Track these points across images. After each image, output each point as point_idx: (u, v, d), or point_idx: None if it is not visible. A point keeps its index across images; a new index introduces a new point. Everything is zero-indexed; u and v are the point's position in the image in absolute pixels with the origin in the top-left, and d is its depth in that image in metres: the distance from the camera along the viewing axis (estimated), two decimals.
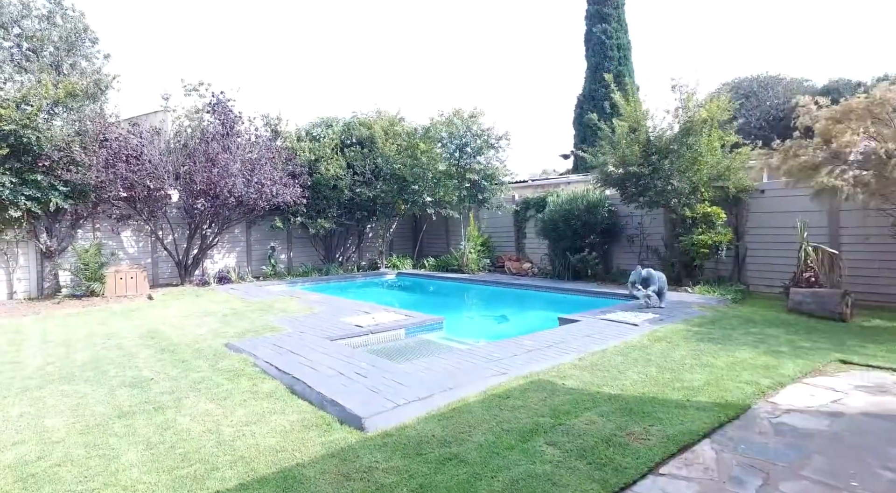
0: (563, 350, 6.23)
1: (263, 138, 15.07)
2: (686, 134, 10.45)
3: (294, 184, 14.77)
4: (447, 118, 14.71)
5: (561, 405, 4.63)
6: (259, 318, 8.96)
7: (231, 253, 16.01)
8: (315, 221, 16.05)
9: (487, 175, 14.66)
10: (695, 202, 10.96)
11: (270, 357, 6.14)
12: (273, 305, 10.31)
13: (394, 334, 7.78)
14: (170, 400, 5.03)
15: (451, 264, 16.36)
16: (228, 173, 13.28)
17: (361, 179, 16.28)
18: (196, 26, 44.51)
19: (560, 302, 11.59)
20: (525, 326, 9.70)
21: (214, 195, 13.40)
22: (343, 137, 16.96)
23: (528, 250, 16.57)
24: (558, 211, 13.51)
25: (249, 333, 7.75)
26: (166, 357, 6.59)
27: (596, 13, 26.54)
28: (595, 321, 7.84)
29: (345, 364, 5.74)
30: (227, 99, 14.13)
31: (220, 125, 13.94)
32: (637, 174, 10.77)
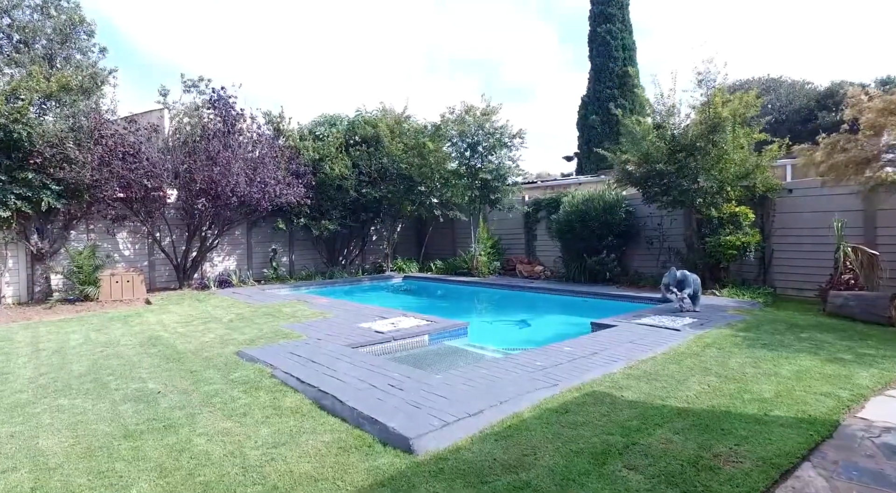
0: (609, 358, 5.71)
1: (266, 136, 14.50)
2: (713, 130, 10.00)
3: (298, 184, 14.20)
4: (458, 116, 14.18)
5: (628, 422, 4.11)
6: (268, 324, 8.38)
7: (231, 256, 15.39)
8: (319, 223, 15.47)
9: (500, 175, 14.15)
10: (721, 202, 10.50)
11: (289, 367, 5.57)
12: (281, 309, 9.72)
13: (417, 341, 7.23)
14: (182, 417, 4.45)
15: (460, 267, 15.83)
16: (230, 172, 12.69)
17: (367, 178, 15.73)
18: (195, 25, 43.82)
19: (581, 306, 11.09)
20: (552, 331, 9.18)
21: (215, 195, 12.80)
22: (347, 136, 16.42)
23: (539, 253, 16.08)
24: (574, 211, 13.02)
25: (261, 340, 7.17)
26: (173, 367, 6.00)
27: (600, 13, 26.23)
28: (632, 326, 7.33)
29: (374, 375, 5.18)
30: (229, 95, 13.56)
31: (222, 122, 13.35)
32: (662, 172, 10.30)
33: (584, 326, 9.24)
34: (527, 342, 8.21)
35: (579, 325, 9.40)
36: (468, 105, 13.89)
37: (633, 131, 10.76)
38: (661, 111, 10.51)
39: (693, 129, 9.99)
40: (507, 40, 60.96)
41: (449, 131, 14.47)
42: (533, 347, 7.40)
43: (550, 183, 19.38)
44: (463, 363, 6.24)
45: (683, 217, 12.29)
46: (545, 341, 8.02)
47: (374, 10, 54.91)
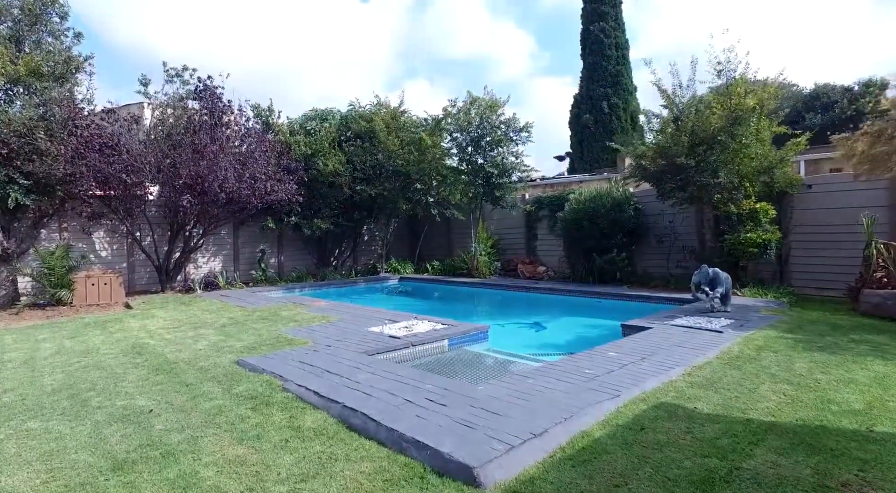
0: (662, 364, 5.11)
1: (255, 130, 13.66)
2: (734, 123, 9.55)
3: (289, 180, 13.39)
4: (463, 107, 13.53)
5: (717, 440, 3.50)
6: (267, 329, 7.60)
7: (217, 257, 14.47)
8: (311, 222, 14.66)
9: (505, 170, 13.55)
10: (741, 198, 10.06)
11: (303, 379, 4.84)
12: (278, 313, 8.93)
13: (437, 347, 6.55)
14: (182, 441, 3.70)
15: (459, 267, 15.18)
16: (218, 166, 11.84)
17: (362, 175, 14.97)
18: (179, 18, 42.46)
19: (597, 308, 10.54)
20: (573, 334, 8.58)
21: (202, 191, 11.92)
22: (340, 132, 15.65)
23: (541, 253, 15.52)
24: (582, 209, 12.48)
25: (263, 347, 6.40)
26: (164, 380, 5.21)
27: (593, 12, 25.97)
28: (668, 328, 6.76)
29: (405, 387, 4.49)
30: (215, 86, 12.69)
31: (208, 114, 12.48)
32: (681, 167, 9.80)
33: (607, 328, 8.70)
34: (550, 347, 7.59)
35: (602, 327, 8.87)
36: (473, 96, 13.25)
37: (648, 123, 10.24)
38: (680, 103, 10.00)
39: (714, 121, 9.51)
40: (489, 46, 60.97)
41: (449, 125, 13.82)
42: (559, 352, 6.83)
43: (550, 181, 18.90)
44: (493, 371, 5.61)
45: (695, 215, 11.86)
46: (570, 346, 7.46)
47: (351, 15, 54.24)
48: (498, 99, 13.26)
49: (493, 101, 13.17)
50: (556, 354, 6.85)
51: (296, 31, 56.27)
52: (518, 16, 63.08)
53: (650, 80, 10.13)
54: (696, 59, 9.72)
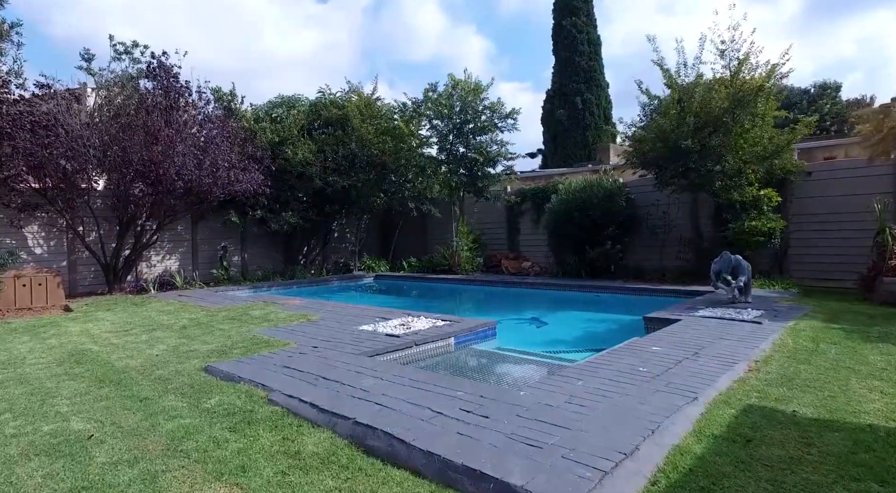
0: (718, 359, 4.36)
1: (216, 116, 12.37)
2: (738, 105, 9.05)
3: (255, 169, 12.17)
4: (444, 92, 12.65)
5: (852, 455, 2.73)
6: (237, 330, 6.48)
7: (173, 254, 13.06)
8: (278, 216, 13.46)
9: (490, 159, 12.74)
10: (744, 184, 9.58)
11: (293, 387, 3.84)
12: (247, 312, 7.79)
13: (443, 346, 5.63)
14: (134, 480, 2.66)
15: (439, 264, 14.26)
16: (175, 152, 10.55)
17: (334, 166, 13.87)
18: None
19: (598, 302, 9.84)
20: (580, 330, 7.81)
21: (156, 179, 10.60)
22: (310, 119, 14.52)
23: (524, 248, 14.80)
24: (573, 200, 11.81)
25: (235, 350, 5.32)
26: (110, 394, 4.09)
27: (565, 6, 25.63)
28: (699, 320, 6.06)
29: (429, 394, 3.56)
30: (171, 65, 11.36)
31: (163, 95, 11.14)
32: (685, 152, 9.21)
33: (617, 322, 8.02)
34: (565, 344, 6.80)
35: (611, 321, 8.17)
36: (455, 79, 12.38)
37: (647, 105, 9.64)
38: (684, 82, 9.43)
39: (718, 102, 8.98)
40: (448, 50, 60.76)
41: (429, 111, 12.91)
42: (579, 349, 6.05)
43: (531, 175, 18.22)
44: (521, 372, 4.74)
45: (691, 204, 11.37)
46: (587, 342, 6.70)
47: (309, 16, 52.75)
48: (481, 82, 12.43)
49: (476, 84, 12.34)
50: (577, 351, 6.07)
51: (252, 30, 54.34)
52: (477, 21, 63.13)
53: (652, 58, 9.53)
54: (704, 37, 9.17)
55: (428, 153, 14.25)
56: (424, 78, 59.64)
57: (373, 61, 64.84)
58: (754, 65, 8.97)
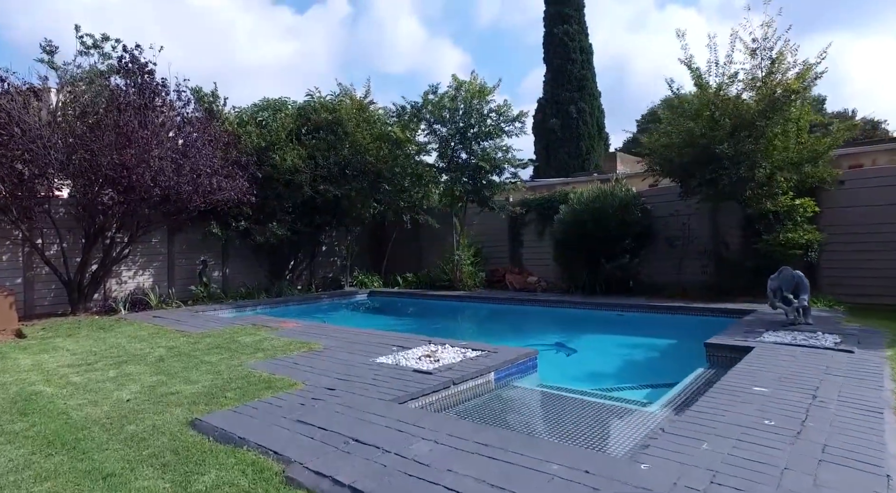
0: (850, 405, 3.52)
1: (197, 117, 11.26)
2: (772, 108, 8.39)
3: (240, 176, 11.09)
4: (447, 93, 11.78)
5: None
6: (227, 363, 5.41)
7: (147, 269, 11.81)
8: (264, 227, 12.35)
9: (496, 166, 11.90)
10: (778, 193, 8.90)
11: (318, 457, 2.84)
12: (236, 339, 6.70)
13: (483, 384, 4.67)
14: None
15: (439, 279, 13.30)
16: (150, 156, 9.44)
17: (326, 173, 12.85)
18: None
19: (626, 324, 8.99)
20: (626, 359, 6.89)
21: (129, 186, 9.44)
22: (298, 123, 13.50)
23: (527, 261, 13.94)
24: (586, 210, 11.02)
25: (228, 393, 4.26)
26: (59, 466, 3.01)
27: (556, 14, 25.24)
28: (775, 349, 5.21)
29: (509, 470, 2.60)
30: (147, 61, 10.25)
31: (137, 93, 10.03)
32: (717, 157, 8.48)
33: (659, 349, 7.18)
34: (608, 378, 5.90)
35: (653, 347, 7.33)
36: (459, 81, 11.53)
37: (681, 108, 8.93)
38: (721, 83, 8.71)
39: (753, 105, 8.30)
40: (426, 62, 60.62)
41: (428, 114, 12.04)
42: (634, 384, 5.17)
43: (530, 184, 17.43)
44: (589, 423, 3.81)
45: (711, 214, 10.69)
46: (638, 375, 5.81)
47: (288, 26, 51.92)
48: (486, 84, 11.61)
49: (482, 86, 11.51)
50: (635, 387, 5.18)
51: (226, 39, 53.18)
52: (454, 33, 63.14)
53: (679, 56, 8.83)
54: (735, 34, 8.50)
55: (425, 160, 13.39)
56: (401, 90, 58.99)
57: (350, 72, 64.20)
58: (790, 64, 8.32)
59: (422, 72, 59.28)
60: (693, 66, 8.80)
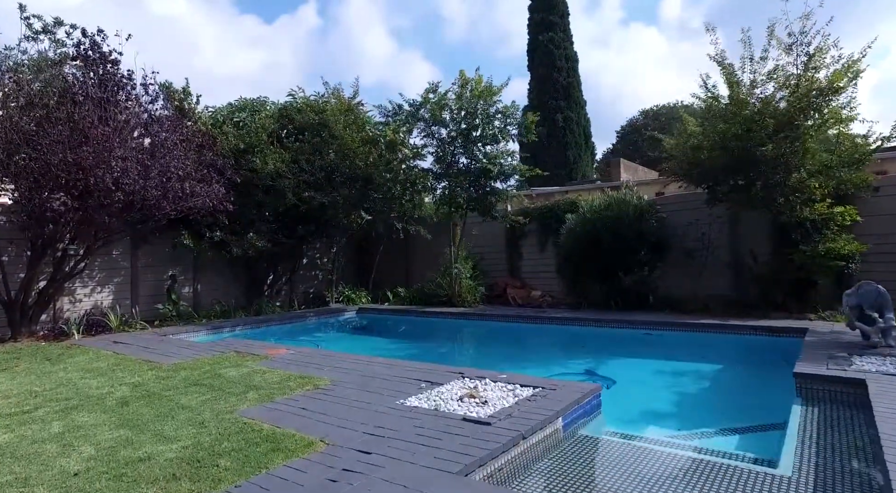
0: None
1: (167, 115, 9.99)
2: (810, 107, 7.74)
3: (216, 181, 9.86)
4: (450, 91, 10.85)
5: None
6: (212, 407, 4.23)
7: (106, 286, 10.37)
8: (242, 238, 11.09)
9: (503, 171, 11.00)
10: (814, 200, 8.24)
11: None
12: (219, 371, 5.48)
13: (551, 434, 3.64)
14: None
15: (435, 294, 12.21)
16: (112, 155, 8.16)
17: (311, 179, 11.70)
18: None
19: (655, 344, 8.09)
20: (680, 392, 5.93)
21: (85, 190, 8.13)
22: (280, 125, 12.36)
23: (527, 274, 13.04)
24: (599, 219, 10.19)
25: (222, 461, 3.10)
26: None
27: (541, 21, 24.76)
28: (881, 378, 4.37)
29: None
30: (110, 50, 8.98)
31: (97, 84, 8.75)
32: (758, 160, 7.75)
33: (713, 375, 6.28)
34: (681, 419, 4.93)
35: (707, 375, 6.43)
36: (465, 78, 10.59)
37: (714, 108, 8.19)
38: (752, 78, 8.01)
39: (794, 103, 7.63)
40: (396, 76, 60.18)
41: (425, 114, 11.08)
42: (718, 430, 4.28)
43: (527, 192, 16.57)
44: None
45: (731, 224, 10.02)
46: (708, 416, 4.90)
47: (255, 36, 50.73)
48: (492, 83, 10.71)
49: (488, 85, 10.61)
50: (723, 431, 4.24)
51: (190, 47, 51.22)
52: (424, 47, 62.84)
53: (709, 52, 8.12)
54: (773, 24, 7.84)
55: (418, 166, 12.39)
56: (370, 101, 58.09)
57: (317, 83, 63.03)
58: (833, 58, 7.68)
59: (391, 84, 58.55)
60: (725, 63, 8.09)
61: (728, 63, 8.08)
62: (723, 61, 8.12)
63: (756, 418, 4.41)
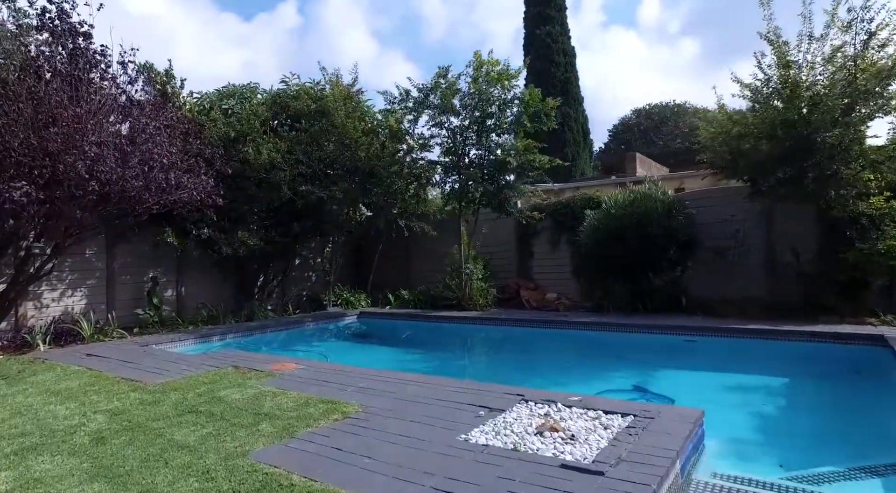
0: None
1: (150, 100, 8.91)
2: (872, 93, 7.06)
3: (204, 171, 8.81)
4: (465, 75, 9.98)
5: None
6: (216, 447, 3.27)
7: (78, 289, 9.23)
8: (233, 236, 10.05)
9: (525, 163, 10.16)
10: (870, 193, 7.57)
11: None
12: (217, 394, 4.50)
13: (672, 481, 2.77)
14: None
15: (442, 297, 11.28)
16: (86, 140, 7.09)
17: (308, 171, 10.71)
18: None
19: (701, 352, 7.31)
20: (761, 411, 5.12)
21: (52, 178, 7.05)
22: (273, 113, 11.34)
23: (538, 275, 12.21)
24: (625, 216, 9.42)
25: None
26: None
27: (538, 15, 24.09)
28: None
29: None
30: (83, 21, 7.89)
31: (67, 59, 7.66)
32: (822, 147, 7.02)
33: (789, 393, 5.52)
34: (786, 450, 4.11)
35: (776, 390, 5.67)
36: (479, 60, 9.72)
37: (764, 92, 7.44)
38: (813, 58, 7.27)
39: (861, 84, 6.91)
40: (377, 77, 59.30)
41: (436, 100, 10.19)
42: (850, 473, 3.44)
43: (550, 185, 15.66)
44: None
45: (765, 220, 9.33)
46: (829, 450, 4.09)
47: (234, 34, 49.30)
48: (508, 67, 9.88)
49: (505, 68, 9.77)
50: (855, 474, 3.43)
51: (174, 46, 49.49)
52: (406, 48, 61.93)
53: (760, 30, 7.38)
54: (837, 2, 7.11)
55: (425, 158, 11.51)
56: None
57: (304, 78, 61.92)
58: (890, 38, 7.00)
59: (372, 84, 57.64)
60: (779, 41, 7.35)
61: (783, 41, 7.33)
62: (776, 40, 7.37)
63: (873, 452, 3.62)
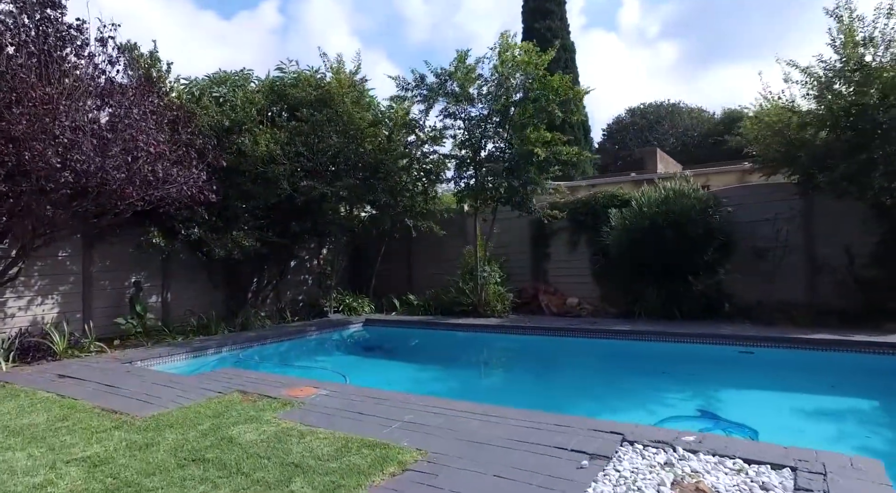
0: None
1: (134, 84, 7.86)
2: None
3: (195, 164, 7.82)
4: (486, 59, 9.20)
5: None
6: None
7: (49, 296, 8.14)
8: (225, 236, 9.05)
9: (553, 156, 9.38)
10: None
11: None
12: (225, 432, 3.56)
13: None
14: None
15: (455, 302, 10.41)
16: (59, 124, 6.09)
17: (309, 165, 9.76)
18: None
19: (770, 367, 6.53)
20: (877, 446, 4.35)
21: (17, 168, 6.03)
22: (269, 101, 10.37)
23: (554, 278, 11.40)
24: (659, 214, 8.67)
25: None
26: None
27: (537, 8, 23.38)
28: None
29: None
30: None
31: (34, 31, 6.63)
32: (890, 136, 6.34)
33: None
34: None
35: (875, 415, 4.86)
36: (506, 43, 8.94)
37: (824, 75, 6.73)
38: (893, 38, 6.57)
39: None
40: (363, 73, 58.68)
41: (454, 87, 9.37)
42: None
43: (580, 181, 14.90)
44: None
45: (807, 219, 8.68)
46: None
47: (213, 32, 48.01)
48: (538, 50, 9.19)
49: (536, 51, 9.09)
50: None
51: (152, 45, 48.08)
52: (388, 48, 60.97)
53: (824, 6, 6.66)
54: None
55: (436, 151, 10.69)
56: None
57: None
58: None
59: None
60: (847, 18, 6.64)
61: (857, 15, 6.60)
62: (846, 16, 6.65)
63: None
